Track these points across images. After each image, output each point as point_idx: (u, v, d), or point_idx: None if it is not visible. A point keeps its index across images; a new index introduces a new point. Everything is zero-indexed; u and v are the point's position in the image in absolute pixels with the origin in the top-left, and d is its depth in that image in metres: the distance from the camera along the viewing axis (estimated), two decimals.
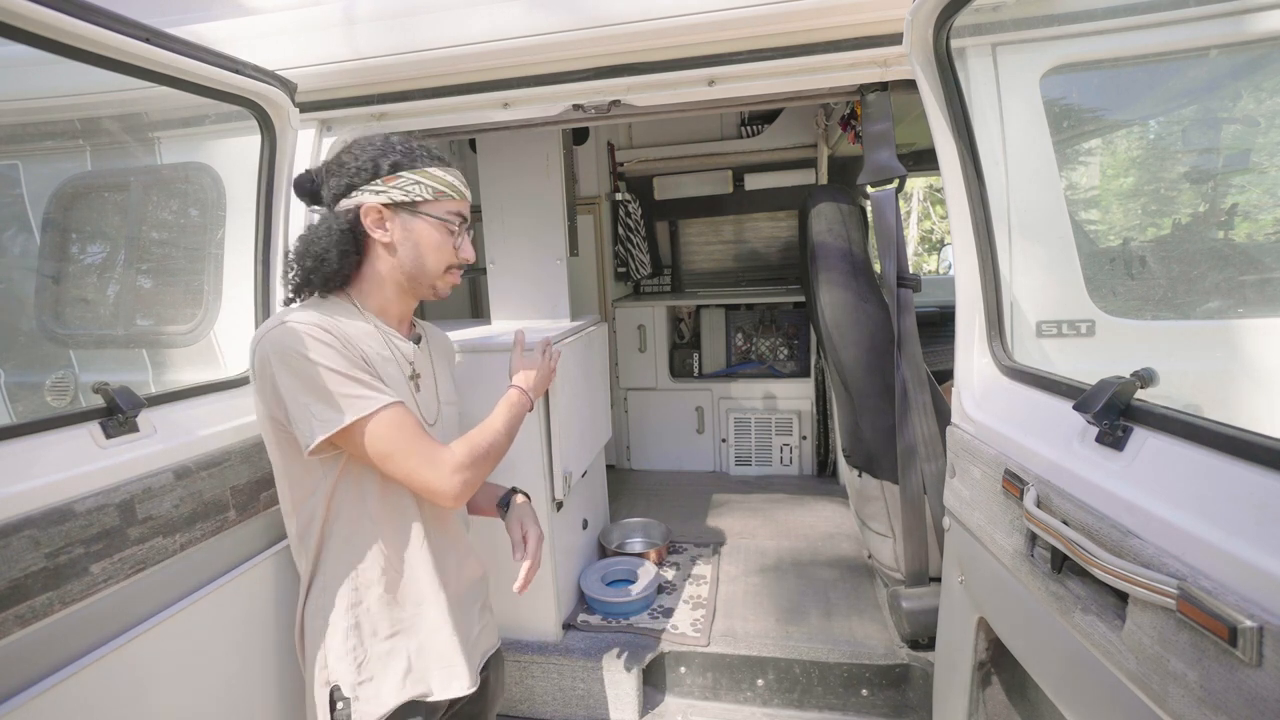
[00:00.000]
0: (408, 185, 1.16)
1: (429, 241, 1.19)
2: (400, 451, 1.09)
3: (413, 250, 1.18)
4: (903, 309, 1.72)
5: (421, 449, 1.11)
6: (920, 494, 1.77)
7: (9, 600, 0.93)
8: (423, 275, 1.21)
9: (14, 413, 2.09)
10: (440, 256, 1.20)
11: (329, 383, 1.06)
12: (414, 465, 1.10)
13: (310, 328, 1.08)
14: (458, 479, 1.12)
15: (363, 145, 1.19)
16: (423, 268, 1.20)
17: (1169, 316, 1.64)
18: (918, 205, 15.19)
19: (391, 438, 1.09)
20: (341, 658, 1.17)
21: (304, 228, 1.22)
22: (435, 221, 1.19)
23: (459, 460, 1.13)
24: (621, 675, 2.00)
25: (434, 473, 1.11)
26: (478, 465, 1.16)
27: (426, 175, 1.17)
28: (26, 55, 1.07)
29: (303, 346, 1.06)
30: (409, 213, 1.17)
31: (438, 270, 1.21)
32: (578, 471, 2.31)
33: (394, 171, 1.16)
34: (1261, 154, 1.78)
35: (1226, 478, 0.75)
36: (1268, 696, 0.62)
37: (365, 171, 1.16)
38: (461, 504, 1.16)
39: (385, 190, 1.15)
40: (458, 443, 1.17)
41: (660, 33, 1.58)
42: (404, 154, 1.17)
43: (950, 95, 1.32)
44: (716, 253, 4.17)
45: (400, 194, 1.15)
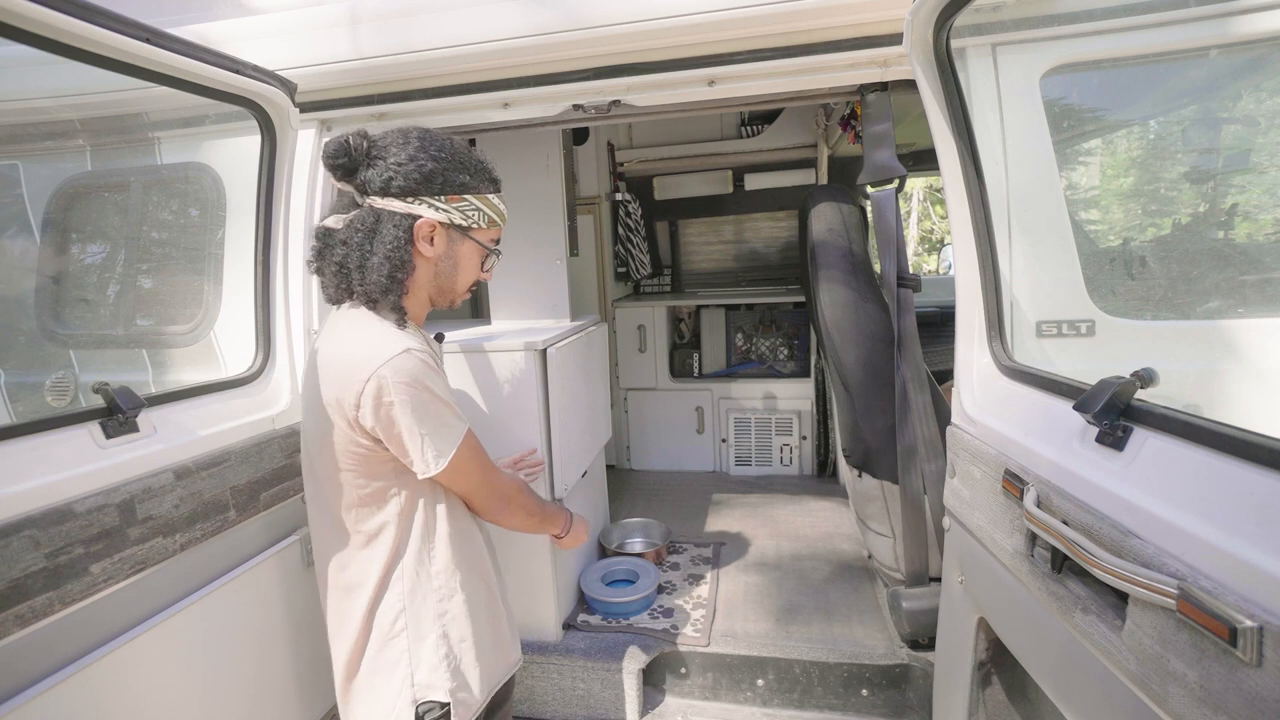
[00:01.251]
0: (470, 210, 1.15)
1: (468, 264, 1.20)
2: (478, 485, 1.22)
3: (451, 268, 1.19)
4: (903, 309, 1.72)
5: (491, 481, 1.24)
6: (920, 494, 1.77)
7: (9, 600, 0.93)
8: (451, 291, 1.22)
9: (14, 413, 2.09)
10: (470, 277, 1.23)
11: (441, 414, 1.10)
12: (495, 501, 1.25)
13: (425, 355, 1.10)
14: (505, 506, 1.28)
15: (426, 147, 1.11)
16: (454, 285, 1.21)
17: (1169, 316, 1.64)
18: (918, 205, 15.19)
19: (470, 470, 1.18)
20: (435, 668, 1.15)
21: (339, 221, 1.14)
22: (478, 247, 1.20)
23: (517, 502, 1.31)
24: (621, 675, 2.00)
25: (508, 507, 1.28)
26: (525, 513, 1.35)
27: (487, 203, 1.17)
28: (26, 55, 1.07)
29: (425, 378, 1.08)
30: (461, 234, 1.17)
31: (464, 288, 1.24)
32: (577, 472, 2.31)
33: (461, 191, 1.14)
34: (1261, 154, 1.78)
35: (1226, 478, 0.74)
36: (1268, 696, 0.62)
37: (432, 182, 1.11)
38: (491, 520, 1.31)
39: (447, 209, 1.13)
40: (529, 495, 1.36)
41: (660, 33, 1.58)
42: (474, 174, 1.15)
43: (950, 95, 1.32)
44: (716, 253, 4.17)
45: (460, 217, 1.15)
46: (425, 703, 1.14)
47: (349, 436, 1.10)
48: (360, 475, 1.12)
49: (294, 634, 1.52)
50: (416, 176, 1.10)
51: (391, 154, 1.10)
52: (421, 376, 1.07)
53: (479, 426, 2.03)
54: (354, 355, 1.08)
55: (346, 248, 1.12)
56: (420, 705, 1.14)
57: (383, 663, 1.15)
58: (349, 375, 1.06)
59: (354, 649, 1.17)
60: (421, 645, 1.15)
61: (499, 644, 1.30)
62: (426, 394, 1.07)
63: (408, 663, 1.14)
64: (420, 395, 1.07)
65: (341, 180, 1.13)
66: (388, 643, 1.15)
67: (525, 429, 2.05)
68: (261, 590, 1.44)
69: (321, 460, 1.16)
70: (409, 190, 1.10)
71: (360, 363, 1.06)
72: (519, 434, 2.06)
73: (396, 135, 1.13)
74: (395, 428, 1.06)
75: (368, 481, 1.13)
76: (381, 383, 1.04)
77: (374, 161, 1.11)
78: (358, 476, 1.13)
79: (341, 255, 1.12)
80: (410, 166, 1.09)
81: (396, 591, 1.15)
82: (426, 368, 1.09)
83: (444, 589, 1.18)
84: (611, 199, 3.79)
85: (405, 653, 1.14)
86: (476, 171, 1.16)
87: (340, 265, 1.13)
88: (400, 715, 1.14)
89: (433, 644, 1.15)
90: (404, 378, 1.05)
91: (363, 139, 1.11)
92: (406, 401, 1.05)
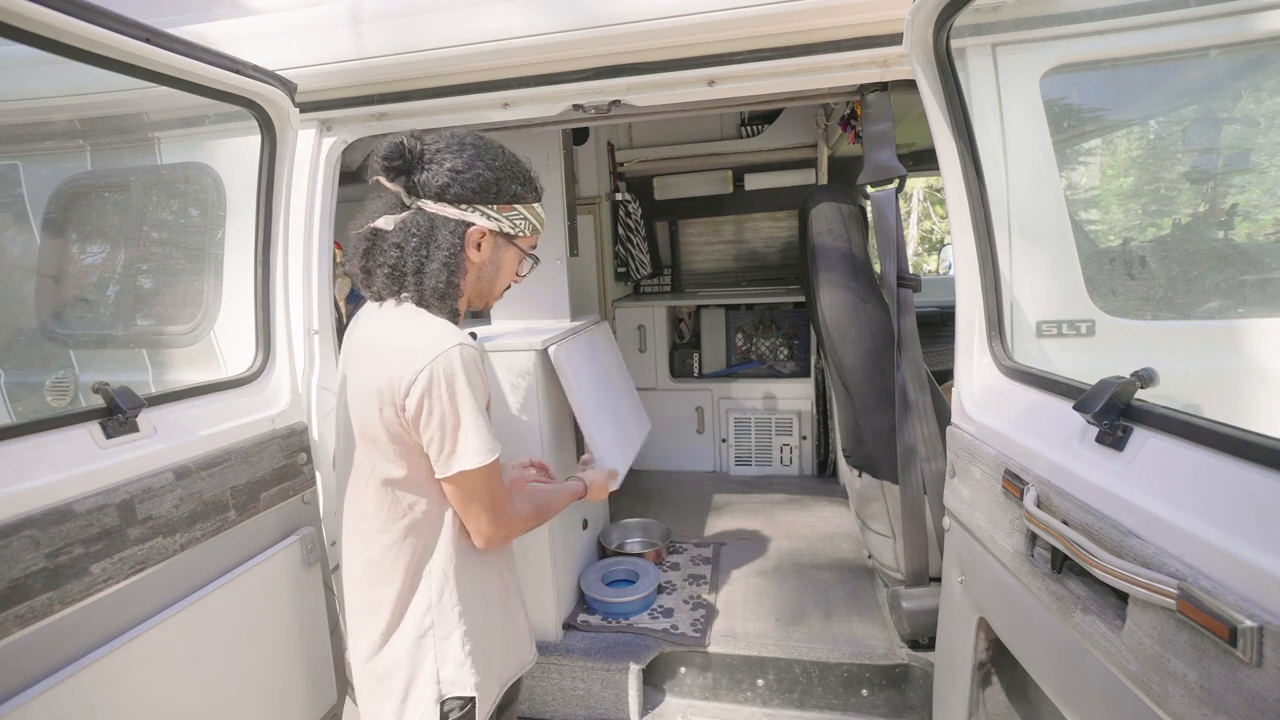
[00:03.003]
0: (518, 219, 1.17)
1: (509, 269, 1.23)
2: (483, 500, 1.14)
3: (494, 273, 1.21)
4: (903, 309, 1.72)
5: (498, 502, 1.17)
6: (920, 494, 1.77)
7: (9, 600, 0.93)
8: (489, 294, 1.25)
9: (14, 413, 2.09)
10: (508, 280, 1.26)
11: (479, 419, 1.09)
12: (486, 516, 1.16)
13: (477, 355, 1.10)
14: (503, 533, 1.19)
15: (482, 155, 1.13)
16: (493, 289, 1.24)
17: (1169, 316, 1.64)
18: (918, 205, 15.19)
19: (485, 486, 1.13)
20: (461, 664, 1.16)
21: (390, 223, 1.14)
22: (519, 254, 1.23)
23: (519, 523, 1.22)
24: (621, 675, 2.00)
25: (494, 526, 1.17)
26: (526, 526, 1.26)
27: (533, 212, 1.20)
28: (26, 55, 1.07)
29: (474, 375, 1.08)
30: (507, 242, 1.20)
31: (501, 292, 1.26)
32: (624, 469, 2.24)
33: (512, 201, 1.16)
34: (1261, 154, 1.78)
35: (1226, 478, 0.74)
36: (1268, 696, 0.62)
37: (487, 191, 1.13)
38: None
39: (499, 219, 1.15)
40: (524, 503, 1.25)
41: (660, 33, 1.58)
42: (524, 184, 1.18)
43: (950, 95, 1.32)
44: (716, 253, 4.17)
45: (509, 226, 1.17)
46: (450, 699, 1.15)
47: (394, 426, 1.10)
48: (398, 468, 1.12)
49: (294, 634, 1.52)
50: (474, 185, 1.12)
51: (448, 160, 1.11)
52: (473, 375, 1.09)
53: None
54: (415, 343, 1.08)
55: (401, 251, 1.13)
56: (445, 702, 1.15)
57: (409, 659, 1.15)
58: (406, 361, 1.07)
59: (379, 643, 1.17)
60: (448, 642, 1.16)
61: (516, 639, 1.31)
62: (472, 394, 1.08)
63: (434, 659, 1.15)
64: (466, 394, 1.07)
65: (392, 181, 1.14)
66: (416, 640, 1.15)
67: (526, 429, 2.05)
68: (261, 590, 1.44)
69: (361, 451, 1.16)
70: (464, 198, 1.12)
71: (421, 350, 1.07)
72: (519, 434, 2.06)
73: (451, 141, 1.14)
74: (434, 417, 1.06)
75: (406, 474, 1.13)
76: (441, 369, 1.05)
77: (428, 165, 1.12)
78: (396, 469, 1.12)
79: (395, 258, 1.13)
80: (468, 175, 1.11)
81: (426, 588, 1.15)
82: (476, 370, 1.10)
83: (470, 586, 1.19)
84: (611, 199, 3.79)
85: (432, 649, 1.15)
86: (526, 182, 1.18)
87: (394, 268, 1.13)
88: (426, 713, 1.14)
89: (458, 640, 1.16)
90: (463, 369, 1.07)
91: (417, 141, 1.13)
92: (453, 393, 1.06)
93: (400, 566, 1.15)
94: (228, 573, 1.35)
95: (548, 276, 2.49)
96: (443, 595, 1.16)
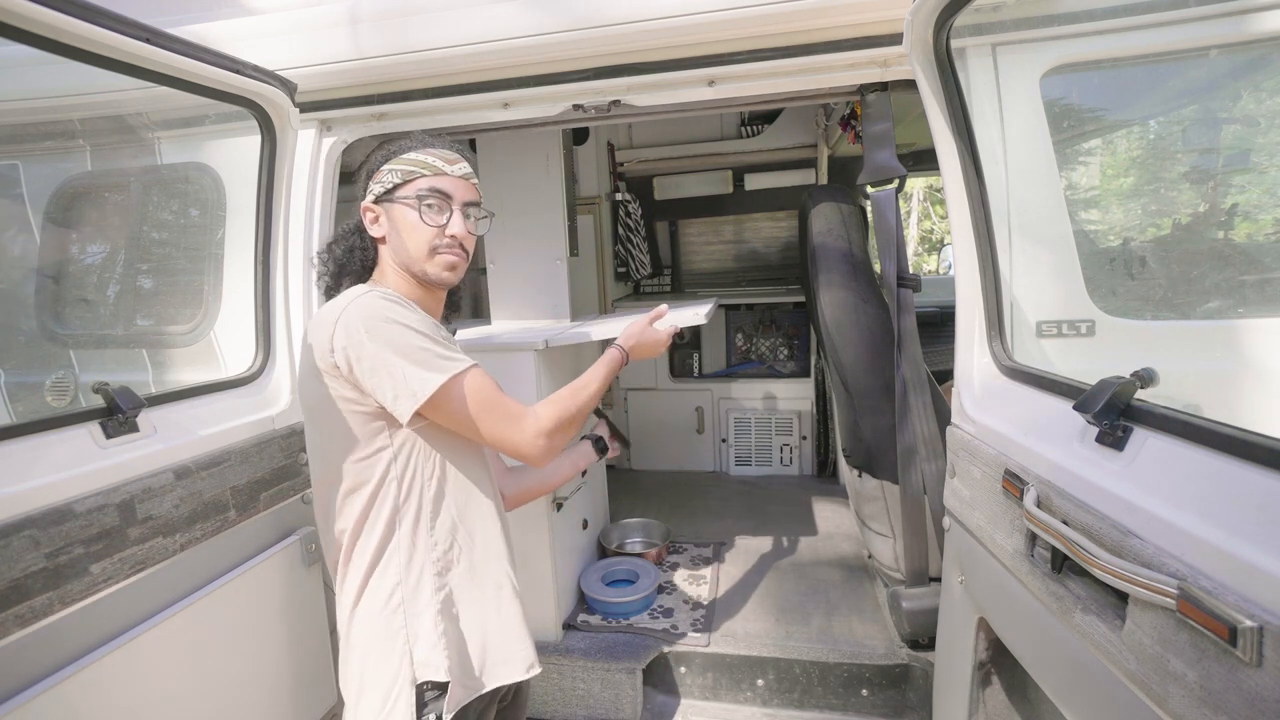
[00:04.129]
0: (384, 176, 1.18)
1: (404, 224, 1.16)
2: (489, 413, 1.10)
3: (396, 238, 1.18)
4: (903, 309, 1.72)
5: (508, 410, 1.11)
6: (920, 494, 1.77)
7: (9, 600, 0.93)
8: (410, 261, 1.18)
9: (14, 413, 2.09)
10: (418, 237, 1.16)
11: (420, 345, 1.05)
12: (502, 428, 1.11)
13: (392, 295, 1.10)
14: (541, 443, 1.13)
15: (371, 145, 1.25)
16: (407, 253, 1.17)
17: (1169, 316, 1.64)
18: (918, 205, 15.19)
19: (480, 400, 1.09)
20: (434, 645, 1.10)
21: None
22: (407, 203, 1.16)
23: (543, 426, 1.13)
24: (621, 675, 2.00)
25: (520, 436, 1.11)
26: (564, 430, 1.16)
27: (400, 161, 1.18)
28: (26, 55, 1.07)
29: (391, 313, 1.06)
30: (389, 201, 1.18)
31: (421, 253, 1.17)
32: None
33: (379, 165, 1.19)
34: (1261, 154, 1.78)
35: (1226, 478, 0.74)
36: (1268, 696, 0.62)
37: (368, 176, 1.21)
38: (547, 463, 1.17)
39: (372, 187, 1.20)
40: (545, 405, 1.16)
41: (660, 33, 1.58)
42: (393, 145, 1.20)
43: (950, 95, 1.32)
44: (716, 253, 4.17)
45: (379, 186, 1.18)
46: (424, 682, 1.10)
47: (336, 391, 1.09)
48: (353, 437, 1.10)
49: (294, 634, 1.52)
50: (365, 174, 1.21)
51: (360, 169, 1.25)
52: (388, 313, 1.05)
53: None
54: (326, 311, 1.10)
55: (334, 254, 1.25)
56: (420, 684, 1.09)
57: (381, 638, 1.11)
58: (321, 323, 1.09)
59: (349, 622, 1.13)
60: (419, 620, 1.11)
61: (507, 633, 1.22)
62: (398, 329, 1.05)
63: (405, 638, 1.10)
64: (391, 331, 1.04)
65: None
66: (386, 617, 1.11)
67: None
68: (261, 590, 1.44)
69: (318, 432, 1.15)
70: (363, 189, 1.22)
71: (329, 311, 1.09)
72: None
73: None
74: (365, 363, 1.04)
75: (362, 445, 1.10)
76: (348, 326, 1.04)
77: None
78: (351, 440, 1.10)
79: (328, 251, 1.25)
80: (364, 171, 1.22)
81: (395, 564, 1.11)
82: (396, 306, 1.07)
83: (443, 562, 1.14)
84: (611, 199, 3.79)
85: (403, 628, 1.10)
86: (394, 141, 1.21)
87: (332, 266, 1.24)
88: (401, 694, 1.09)
89: (431, 620, 1.11)
90: (368, 317, 1.04)
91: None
92: (373, 339, 1.03)
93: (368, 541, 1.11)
94: (228, 573, 1.35)
95: (548, 276, 2.49)
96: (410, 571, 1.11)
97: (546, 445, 1.13)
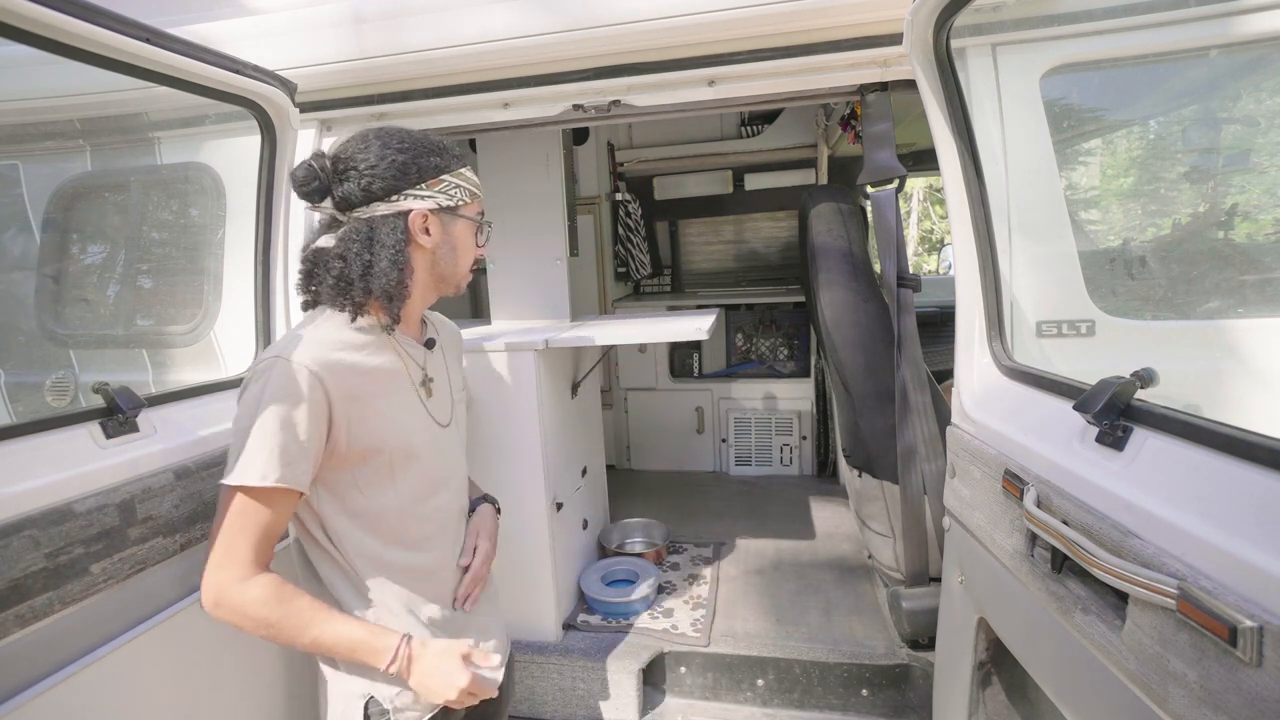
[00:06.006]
0: (450, 189, 1.13)
1: (465, 243, 1.18)
2: (222, 526, 1.00)
3: (450, 253, 1.17)
4: (903, 309, 1.72)
5: (231, 543, 1.00)
6: (920, 494, 1.77)
7: (9, 600, 0.93)
8: (455, 276, 1.20)
9: (14, 413, 2.09)
10: (470, 256, 1.21)
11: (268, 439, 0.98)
12: (214, 550, 1.01)
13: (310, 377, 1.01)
14: (216, 583, 1.00)
15: (388, 144, 1.11)
16: (457, 269, 1.19)
17: (1169, 316, 1.64)
18: (918, 205, 15.19)
19: (231, 513, 1.00)
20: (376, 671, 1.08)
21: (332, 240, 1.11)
22: (469, 224, 1.18)
23: (233, 600, 1.00)
24: (621, 675, 2.00)
25: (212, 578, 1.00)
26: (245, 620, 1.01)
27: (463, 178, 1.16)
28: (26, 55, 1.07)
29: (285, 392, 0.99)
30: (451, 216, 1.15)
31: (466, 270, 1.22)
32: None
33: (437, 174, 1.13)
34: (1261, 154, 1.78)
35: (1226, 478, 0.75)
36: (1268, 696, 0.62)
37: (408, 174, 1.09)
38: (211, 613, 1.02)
39: (432, 195, 1.11)
40: (268, 587, 1.01)
41: (660, 33, 1.58)
42: (438, 154, 1.13)
43: (950, 95, 1.32)
44: (716, 253, 4.17)
45: (445, 199, 1.13)
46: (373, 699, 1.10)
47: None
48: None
49: None
50: (393, 173, 1.08)
51: (360, 161, 1.09)
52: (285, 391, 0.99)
53: (479, 426, 2.04)
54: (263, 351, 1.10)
55: (344, 262, 1.08)
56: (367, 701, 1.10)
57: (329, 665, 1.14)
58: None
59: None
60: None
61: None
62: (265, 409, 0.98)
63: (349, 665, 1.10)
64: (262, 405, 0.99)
65: (318, 204, 1.12)
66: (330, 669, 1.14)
67: (525, 428, 2.05)
68: None
69: None
70: (390, 189, 1.08)
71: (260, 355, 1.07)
72: (519, 434, 2.06)
73: (356, 143, 1.11)
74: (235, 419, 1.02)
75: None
76: (252, 375, 1.03)
77: (345, 175, 1.09)
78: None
79: (339, 269, 1.09)
80: (383, 165, 1.08)
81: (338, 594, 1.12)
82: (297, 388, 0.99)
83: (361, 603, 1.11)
84: (611, 199, 3.80)
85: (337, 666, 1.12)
86: (441, 152, 1.15)
87: (339, 278, 1.09)
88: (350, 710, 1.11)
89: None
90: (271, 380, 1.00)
91: (324, 158, 1.10)
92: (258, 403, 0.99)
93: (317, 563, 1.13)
94: None
95: (548, 276, 2.49)
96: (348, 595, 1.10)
97: (214, 611, 1.00)
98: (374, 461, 1.10)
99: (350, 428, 1.06)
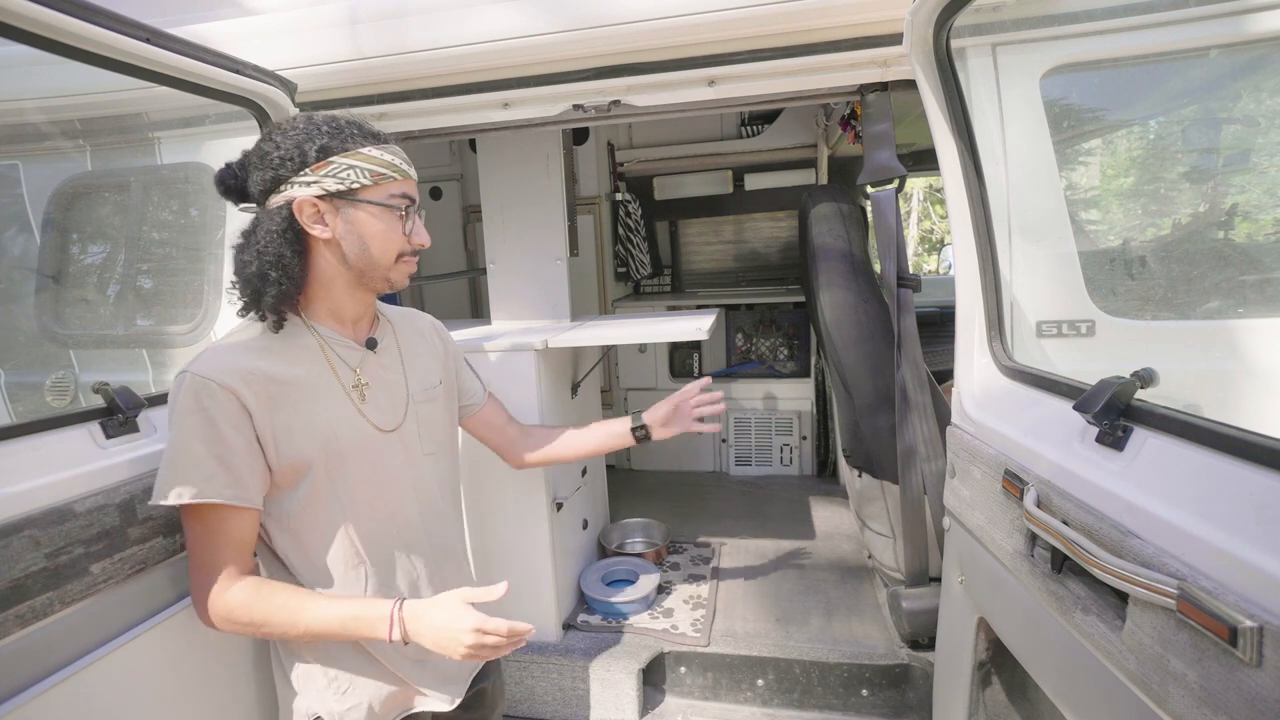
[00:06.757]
0: (341, 171, 1.02)
1: (374, 231, 1.06)
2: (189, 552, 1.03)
3: (358, 243, 1.06)
4: (903, 309, 1.72)
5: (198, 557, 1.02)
6: (920, 494, 1.77)
7: (9, 600, 0.93)
8: (373, 269, 1.08)
9: (14, 413, 2.09)
10: (389, 246, 1.08)
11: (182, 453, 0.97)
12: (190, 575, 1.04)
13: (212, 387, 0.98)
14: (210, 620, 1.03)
15: (285, 130, 1.04)
16: (372, 261, 1.07)
17: (1169, 316, 1.64)
18: (918, 205, 15.19)
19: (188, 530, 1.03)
20: (324, 687, 1.11)
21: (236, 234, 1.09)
22: (378, 209, 1.06)
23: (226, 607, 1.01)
24: (621, 675, 2.00)
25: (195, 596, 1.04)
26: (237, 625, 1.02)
27: (360, 157, 1.03)
28: (26, 55, 1.07)
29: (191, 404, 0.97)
30: (348, 202, 1.04)
31: (388, 261, 1.09)
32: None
33: (323, 157, 1.02)
34: (1261, 154, 1.78)
35: (1226, 478, 0.75)
36: (1268, 696, 0.62)
37: (291, 161, 1.02)
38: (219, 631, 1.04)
39: (317, 180, 1.02)
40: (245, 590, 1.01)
41: (660, 33, 1.58)
42: (331, 135, 1.03)
43: (950, 95, 1.32)
44: (716, 253, 4.17)
45: (334, 182, 1.02)
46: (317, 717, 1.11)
47: None
48: None
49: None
50: (275, 163, 1.02)
51: (255, 155, 1.05)
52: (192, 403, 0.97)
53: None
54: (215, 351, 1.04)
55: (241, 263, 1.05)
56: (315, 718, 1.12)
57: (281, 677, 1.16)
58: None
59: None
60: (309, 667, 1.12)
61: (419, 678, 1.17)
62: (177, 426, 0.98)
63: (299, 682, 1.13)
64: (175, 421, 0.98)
65: (237, 204, 1.10)
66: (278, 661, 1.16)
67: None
68: None
69: None
70: (277, 179, 1.03)
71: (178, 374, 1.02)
72: None
73: (264, 135, 1.08)
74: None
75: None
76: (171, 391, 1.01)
77: (252, 172, 1.06)
78: None
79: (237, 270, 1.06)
80: (269, 156, 1.03)
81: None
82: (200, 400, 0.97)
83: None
84: (611, 199, 3.80)
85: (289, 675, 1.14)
86: (335, 132, 1.04)
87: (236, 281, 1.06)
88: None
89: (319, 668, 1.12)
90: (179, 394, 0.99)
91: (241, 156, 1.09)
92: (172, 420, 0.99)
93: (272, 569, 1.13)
94: None
95: (548, 276, 2.49)
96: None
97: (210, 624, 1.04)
98: (309, 478, 1.05)
99: (277, 441, 1.02)
